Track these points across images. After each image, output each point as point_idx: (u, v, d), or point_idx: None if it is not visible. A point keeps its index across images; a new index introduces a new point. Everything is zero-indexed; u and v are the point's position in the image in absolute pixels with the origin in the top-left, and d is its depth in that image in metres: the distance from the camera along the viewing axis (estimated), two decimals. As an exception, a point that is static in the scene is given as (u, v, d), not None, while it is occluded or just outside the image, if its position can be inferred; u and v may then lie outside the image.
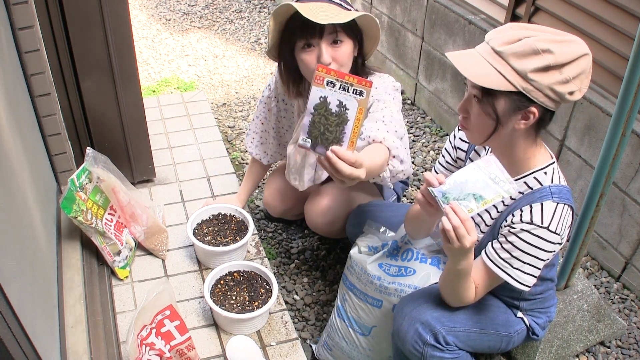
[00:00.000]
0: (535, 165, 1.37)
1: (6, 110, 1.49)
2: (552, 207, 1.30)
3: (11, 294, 1.14)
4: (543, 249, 1.31)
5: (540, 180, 1.35)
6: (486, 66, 1.24)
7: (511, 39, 1.23)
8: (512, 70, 1.21)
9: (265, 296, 1.82)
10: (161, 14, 4.30)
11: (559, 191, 1.33)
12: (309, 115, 1.22)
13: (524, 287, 1.36)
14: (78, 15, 1.89)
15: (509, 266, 1.34)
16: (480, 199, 1.21)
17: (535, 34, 1.22)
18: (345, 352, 1.75)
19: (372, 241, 1.71)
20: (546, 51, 1.19)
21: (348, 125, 1.21)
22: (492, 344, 1.51)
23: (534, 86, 1.22)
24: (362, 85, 1.19)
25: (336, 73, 1.20)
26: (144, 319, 1.61)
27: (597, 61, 2.17)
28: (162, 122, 2.80)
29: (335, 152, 1.20)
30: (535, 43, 1.20)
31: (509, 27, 1.27)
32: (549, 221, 1.29)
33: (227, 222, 2.09)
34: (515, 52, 1.21)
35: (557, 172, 1.37)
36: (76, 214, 1.78)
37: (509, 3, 2.51)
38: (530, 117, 1.27)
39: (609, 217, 2.19)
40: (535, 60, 1.20)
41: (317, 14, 1.54)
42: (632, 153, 2.03)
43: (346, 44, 1.64)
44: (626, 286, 2.20)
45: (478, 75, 1.24)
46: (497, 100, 1.25)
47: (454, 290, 1.39)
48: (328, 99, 1.21)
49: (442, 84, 3.00)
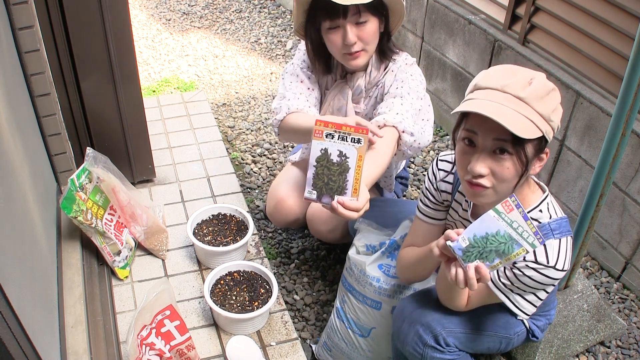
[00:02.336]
0: (529, 204, 1.32)
1: (6, 110, 1.49)
2: (556, 245, 1.27)
3: (11, 294, 1.14)
4: (548, 284, 1.29)
5: (537, 219, 1.31)
6: (515, 114, 1.15)
7: (525, 82, 1.17)
8: (538, 115, 1.16)
9: (265, 296, 1.82)
10: (161, 14, 4.30)
11: (558, 226, 1.30)
12: (311, 168, 1.29)
13: (523, 315, 1.35)
14: (78, 15, 1.89)
15: (509, 291, 1.32)
16: (503, 255, 1.15)
17: (530, 73, 1.19)
18: (345, 353, 1.75)
19: (369, 239, 1.71)
20: (553, 89, 1.18)
21: (350, 173, 1.28)
22: (491, 345, 1.51)
23: (551, 127, 1.19)
24: (359, 133, 1.26)
25: (333, 125, 1.26)
26: (144, 319, 1.61)
27: (597, 61, 2.17)
28: (162, 122, 2.80)
29: (341, 203, 1.28)
30: (545, 82, 1.17)
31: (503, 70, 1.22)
32: (555, 260, 1.26)
33: (227, 222, 2.09)
34: (537, 95, 1.16)
35: (551, 205, 1.34)
36: (76, 214, 1.78)
37: (509, 3, 2.51)
38: (544, 158, 1.24)
39: (609, 217, 2.19)
40: (550, 101, 1.17)
41: None
42: (632, 153, 2.03)
43: (371, 23, 1.65)
44: (626, 286, 2.20)
45: (516, 125, 1.13)
46: (527, 148, 1.19)
47: (447, 294, 1.38)
48: (329, 150, 1.28)
49: (442, 84, 3.00)
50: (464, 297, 1.37)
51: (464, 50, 2.78)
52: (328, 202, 1.31)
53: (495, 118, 1.13)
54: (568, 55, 2.31)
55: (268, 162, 2.75)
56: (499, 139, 1.18)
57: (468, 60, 2.77)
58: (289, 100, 1.78)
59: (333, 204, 1.30)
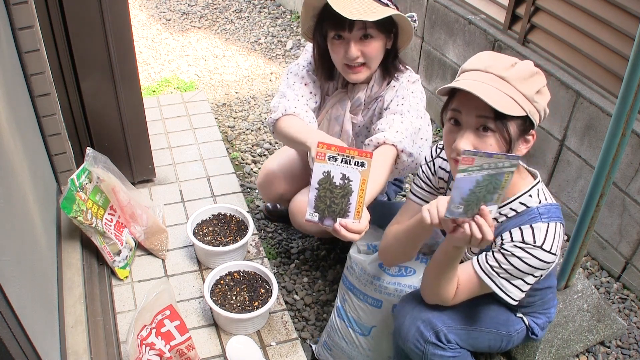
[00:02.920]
0: (519, 189, 1.33)
1: (6, 110, 1.49)
2: (544, 228, 1.28)
3: (11, 294, 1.14)
4: (536, 267, 1.28)
5: (525, 203, 1.32)
6: (499, 93, 1.19)
7: (508, 64, 1.22)
8: (521, 94, 1.20)
9: (265, 296, 1.82)
10: (161, 14, 4.30)
11: (547, 211, 1.30)
12: (313, 190, 1.27)
13: (510, 300, 1.32)
14: (78, 15, 1.89)
15: (495, 275, 1.31)
16: (496, 190, 1.14)
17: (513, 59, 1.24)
18: (345, 352, 1.75)
19: (370, 239, 1.71)
20: (537, 72, 1.22)
21: (353, 196, 1.27)
22: (492, 342, 1.51)
23: (536, 108, 1.22)
24: (364, 157, 1.24)
25: (337, 148, 1.24)
26: (144, 319, 1.61)
27: (597, 61, 2.17)
28: (162, 122, 2.80)
29: (343, 226, 1.29)
30: (527, 66, 1.21)
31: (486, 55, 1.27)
32: (542, 241, 1.27)
33: (227, 222, 2.09)
34: (519, 76, 1.20)
35: (542, 191, 1.34)
36: (76, 214, 1.78)
37: (509, 3, 2.51)
38: (530, 140, 1.26)
39: (609, 217, 2.19)
40: (535, 82, 1.21)
41: (347, 8, 1.54)
42: (632, 153, 2.03)
43: (376, 39, 1.64)
44: (626, 286, 2.20)
45: (498, 102, 1.17)
46: (510, 126, 1.22)
47: (437, 280, 1.33)
48: (331, 173, 1.25)
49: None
50: (453, 282, 1.34)
51: (464, 50, 2.78)
52: (330, 225, 1.31)
53: (476, 93, 1.17)
54: (568, 55, 2.31)
55: (268, 162, 2.75)
56: (481, 116, 1.21)
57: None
58: (288, 101, 1.77)
59: (335, 226, 1.30)
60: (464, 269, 1.36)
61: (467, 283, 1.36)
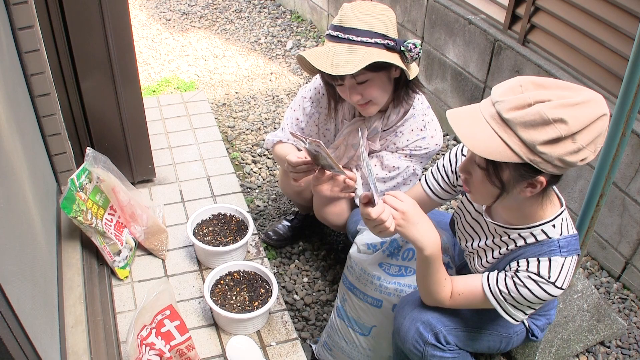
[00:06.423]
0: (543, 217, 1.29)
1: (6, 110, 1.49)
2: (560, 263, 1.26)
3: (11, 294, 1.14)
4: (543, 299, 1.29)
5: (547, 232, 1.29)
6: (490, 134, 1.12)
7: (521, 104, 1.09)
8: (519, 141, 1.09)
9: (265, 296, 1.82)
10: (161, 14, 4.30)
11: (567, 244, 1.28)
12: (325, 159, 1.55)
13: (512, 321, 1.34)
14: (78, 15, 1.89)
15: (503, 300, 1.32)
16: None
17: (548, 97, 1.08)
18: (345, 352, 1.75)
19: (371, 239, 1.71)
20: (558, 120, 1.06)
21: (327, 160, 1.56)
22: (491, 344, 1.51)
23: (542, 158, 1.10)
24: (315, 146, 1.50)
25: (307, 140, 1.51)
26: (144, 319, 1.61)
27: (597, 61, 2.17)
28: (162, 122, 2.80)
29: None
30: (546, 111, 1.06)
31: (518, 85, 1.13)
32: (556, 277, 1.26)
33: (227, 222, 2.09)
34: (524, 121, 1.08)
35: (565, 221, 1.30)
36: (76, 214, 1.78)
37: (509, 3, 2.51)
38: (537, 185, 1.18)
39: (609, 217, 2.19)
40: (545, 132, 1.07)
41: (329, 62, 1.54)
42: (632, 153, 2.03)
43: (374, 80, 1.61)
44: (626, 286, 2.20)
45: (481, 145, 1.12)
46: (502, 170, 1.16)
47: (424, 284, 1.37)
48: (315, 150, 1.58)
49: (442, 84, 3.00)
50: (443, 284, 1.35)
51: (464, 50, 2.78)
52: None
53: (457, 132, 1.16)
54: (568, 55, 2.31)
55: (268, 162, 2.75)
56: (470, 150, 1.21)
57: (468, 60, 2.77)
58: (282, 130, 1.93)
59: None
60: (472, 282, 1.37)
61: (471, 295, 1.36)
